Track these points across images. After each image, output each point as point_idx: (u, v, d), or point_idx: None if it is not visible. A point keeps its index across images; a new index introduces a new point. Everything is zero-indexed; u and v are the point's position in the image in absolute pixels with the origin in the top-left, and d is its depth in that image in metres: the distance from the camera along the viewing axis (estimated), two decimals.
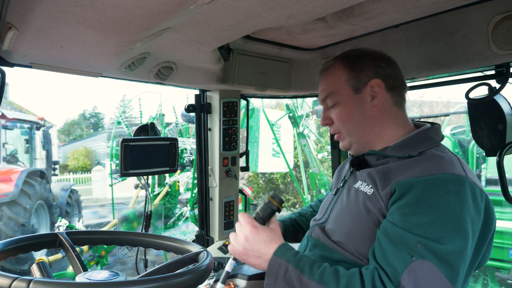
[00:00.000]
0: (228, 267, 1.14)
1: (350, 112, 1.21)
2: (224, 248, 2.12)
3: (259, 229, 1.11)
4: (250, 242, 1.10)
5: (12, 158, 8.25)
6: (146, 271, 1.02)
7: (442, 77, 1.67)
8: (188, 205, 7.44)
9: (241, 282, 1.36)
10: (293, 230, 1.56)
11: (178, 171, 7.56)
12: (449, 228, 0.95)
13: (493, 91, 1.41)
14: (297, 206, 12.36)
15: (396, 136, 1.18)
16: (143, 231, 1.77)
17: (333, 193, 1.31)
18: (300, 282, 1.00)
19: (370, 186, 1.11)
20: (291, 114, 8.73)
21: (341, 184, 1.29)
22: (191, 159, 7.63)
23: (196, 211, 7.06)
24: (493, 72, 1.46)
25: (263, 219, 1.14)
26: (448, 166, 1.03)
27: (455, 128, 6.63)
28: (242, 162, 2.33)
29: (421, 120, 1.38)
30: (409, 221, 0.97)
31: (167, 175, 7.42)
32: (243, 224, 1.14)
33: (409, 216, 0.98)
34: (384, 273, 0.96)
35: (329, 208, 1.27)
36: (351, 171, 1.26)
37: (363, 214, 1.09)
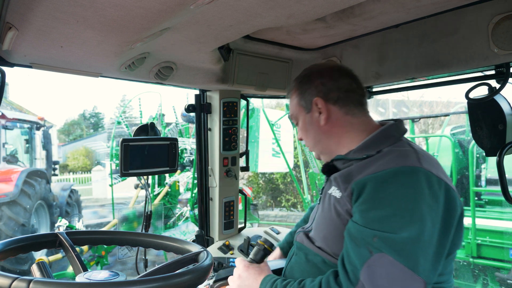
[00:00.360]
0: None
1: (306, 129, 1.34)
2: (224, 248, 2.12)
3: (249, 267, 1.25)
4: (242, 278, 1.24)
5: (12, 158, 8.24)
6: (146, 271, 1.02)
7: (442, 77, 1.67)
8: (188, 205, 7.44)
9: None
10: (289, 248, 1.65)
11: (178, 171, 7.56)
12: (403, 218, 0.97)
13: (493, 91, 1.41)
14: (297, 206, 12.36)
15: (357, 140, 1.24)
16: (143, 231, 1.77)
17: (318, 202, 1.38)
18: None
19: (338, 190, 1.16)
20: None
21: (321, 193, 1.35)
22: (191, 159, 7.63)
23: (196, 211, 7.06)
24: (493, 72, 1.46)
25: (256, 261, 1.28)
26: (400, 160, 1.07)
27: (455, 128, 6.63)
28: (242, 162, 2.33)
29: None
30: (367, 217, 1.02)
31: (167, 175, 7.41)
32: (238, 265, 1.28)
33: (366, 212, 1.03)
34: (344, 271, 1.01)
35: (313, 216, 1.35)
36: (327, 179, 1.32)
37: (334, 218, 1.15)
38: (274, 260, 1.64)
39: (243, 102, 2.25)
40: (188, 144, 7.83)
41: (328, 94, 1.27)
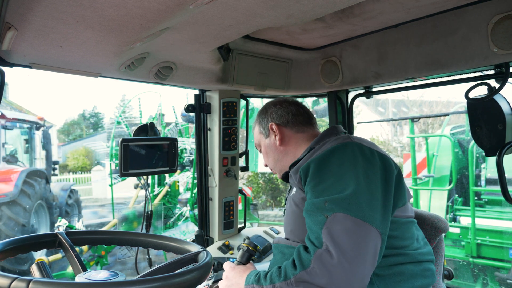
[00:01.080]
0: None
1: (267, 152, 1.58)
2: (224, 248, 2.12)
3: (235, 267, 1.34)
4: (230, 278, 1.32)
5: (12, 158, 8.24)
6: (151, 269, 1.02)
7: (441, 77, 1.67)
8: (188, 205, 7.44)
9: None
10: None
11: (178, 171, 7.56)
12: (344, 180, 1.13)
13: (492, 91, 1.41)
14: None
15: (304, 149, 1.47)
16: (144, 231, 1.77)
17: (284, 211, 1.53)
18: None
19: (293, 185, 1.36)
20: None
21: (285, 201, 1.51)
22: (191, 159, 7.63)
23: (196, 211, 7.06)
24: (492, 71, 1.47)
25: (243, 263, 1.35)
26: (336, 142, 1.29)
27: (454, 128, 6.63)
28: (241, 162, 2.33)
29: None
30: (316, 191, 1.17)
31: (167, 175, 7.42)
32: (225, 268, 1.37)
33: (315, 187, 1.18)
34: (309, 241, 1.11)
35: (284, 220, 1.48)
36: (290, 187, 1.46)
37: (294, 210, 1.32)
38: (262, 263, 1.69)
39: (242, 102, 2.25)
40: (188, 144, 7.83)
41: (279, 119, 1.54)
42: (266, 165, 1.66)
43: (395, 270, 1.17)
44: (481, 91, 1.45)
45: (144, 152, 1.62)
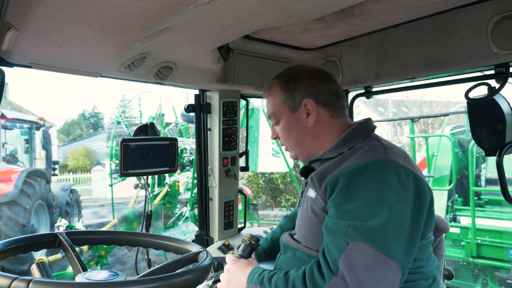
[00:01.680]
0: None
1: (289, 129, 1.35)
2: (224, 248, 2.12)
3: (236, 261, 1.30)
4: (230, 272, 1.28)
5: (12, 158, 8.24)
6: (151, 269, 1.02)
7: (441, 77, 1.67)
8: (188, 205, 7.44)
9: None
10: (266, 257, 1.69)
11: (178, 171, 7.56)
12: (373, 207, 1.03)
13: (492, 91, 1.41)
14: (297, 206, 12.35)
15: (333, 140, 1.30)
16: (144, 231, 1.77)
17: (298, 205, 1.42)
18: None
19: (314, 190, 1.22)
20: None
21: (301, 195, 1.40)
22: (191, 159, 7.63)
23: (196, 211, 7.06)
24: (492, 72, 1.46)
25: (244, 257, 1.32)
26: (369, 154, 1.13)
27: (454, 128, 6.63)
28: (242, 162, 2.33)
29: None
30: (340, 210, 1.07)
31: (167, 175, 7.42)
32: (227, 261, 1.33)
33: (339, 205, 1.08)
34: (325, 263, 1.05)
35: (297, 220, 1.39)
36: (306, 182, 1.34)
37: (311, 217, 1.21)
38: (264, 263, 1.64)
39: (242, 102, 2.25)
40: (188, 144, 7.83)
41: (318, 96, 1.31)
42: (276, 138, 1.42)
43: (406, 285, 1.12)
44: (481, 91, 1.45)
45: (144, 152, 1.62)
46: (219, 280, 1.52)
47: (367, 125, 1.31)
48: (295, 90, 1.32)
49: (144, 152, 1.61)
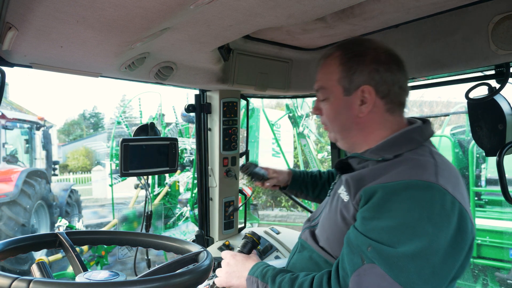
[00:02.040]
0: None
1: (337, 112, 1.18)
2: (224, 248, 2.12)
3: (236, 254, 1.28)
4: (231, 265, 1.25)
5: (12, 158, 8.25)
6: (151, 269, 1.02)
7: (442, 77, 1.67)
8: (188, 205, 7.44)
9: None
10: (298, 186, 1.76)
11: (178, 171, 7.56)
12: (403, 233, 0.91)
13: (493, 91, 1.41)
14: (297, 206, 12.34)
15: (380, 138, 1.13)
16: (144, 231, 1.77)
17: (328, 195, 1.31)
18: None
19: (347, 193, 1.09)
20: (291, 114, 8.74)
21: (331, 187, 1.29)
22: (191, 159, 7.63)
23: (196, 211, 7.06)
24: (493, 72, 1.46)
25: (244, 253, 1.32)
26: (417, 172, 0.98)
27: (455, 128, 6.63)
28: (242, 162, 2.33)
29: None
30: (367, 225, 0.97)
31: (167, 175, 7.42)
32: (225, 256, 1.30)
33: (368, 220, 0.98)
34: (336, 275, 0.99)
35: (320, 209, 1.30)
36: (339, 175, 1.24)
37: (339, 221, 1.10)
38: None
39: (243, 102, 2.25)
40: (188, 144, 7.84)
41: (380, 85, 1.11)
42: (317, 114, 1.25)
43: None
44: (481, 91, 1.45)
45: (145, 152, 1.62)
46: None
47: (423, 130, 1.12)
48: (356, 71, 1.12)
49: (145, 152, 1.61)
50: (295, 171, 1.84)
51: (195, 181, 6.74)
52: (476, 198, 5.43)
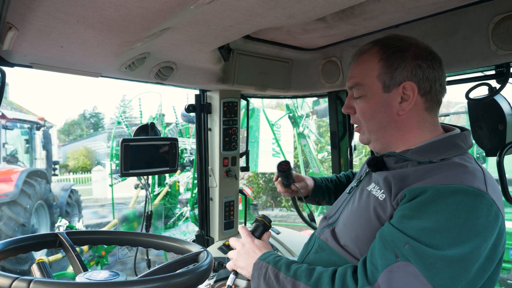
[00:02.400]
0: (230, 281, 1.24)
1: (375, 110, 1.12)
2: (224, 248, 2.12)
3: (254, 239, 1.24)
4: (246, 247, 1.22)
5: (12, 158, 8.25)
6: (151, 269, 1.02)
7: None
8: (188, 205, 7.45)
9: (241, 282, 1.36)
10: (321, 192, 1.67)
11: (178, 171, 7.57)
12: (444, 237, 0.89)
13: (493, 91, 1.41)
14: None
15: (420, 139, 1.10)
16: (144, 231, 1.77)
17: (347, 191, 1.26)
18: (277, 279, 1.06)
19: (383, 191, 1.05)
20: (291, 114, 8.75)
21: (355, 184, 1.24)
22: (191, 159, 7.64)
23: (196, 211, 7.06)
24: (493, 72, 1.46)
25: (256, 236, 1.30)
26: (468, 178, 0.95)
27: None
28: (242, 162, 2.33)
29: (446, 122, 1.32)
30: (406, 223, 0.94)
31: (167, 175, 7.43)
32: (243, 235, 1.26)
33: (408, 218, 0.94)
34: (363, 269, 0.94)
35: (340, 208, 1.23)
36: (367, 172, 1.20)
37: (372, 220, 1.05)
38: None
39: (243, 102, 2.25)
40: (188, 144, 7.84)
41: (422, 82, 1.07)
42: (348, 112, 1.20)
43: None
44: (481, 92, 1.45)
45: (144, 152, 1.62)
46: (220, 280, 1.52)
47: (466, 138, 1.09)
48: (399, 67, 1.07)
49: (145, 152, 1.61)
50: (316, 178, 1.71)
51: (195, 181, 6.75)
52: None
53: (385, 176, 1.06)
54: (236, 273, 1.24)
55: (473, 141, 1.17)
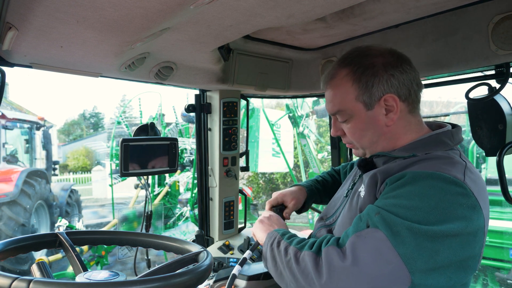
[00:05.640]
0: (235, 270, 1.25)
1: (363, 129, 1.15)
2: (224, 248, 2.12)
3: (280, 218, 1.37)
4: (272, 220, 1.33)
5: (12, 158, 8.25)
6: (151, 269, 1.02)
7: (442, 77, 1.67)
8: (188, 205, 7.45)
9: (241, 283, 1.36)
10: (316, 196, 1.68)
11: (178, 171, 7.57)
12: (414, 211, 0.91)
13: (493, 91, 1.41)
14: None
15: (407, 140, 1.13)
16: (144, 231, 1.77)
17: (344, 194, 1.29)
18: (278, 245, 1.14)
19: (369, 188, 1.09)
20: (291, 114, 8.75)
21: (350, 187, 1.27)
22: (191, 159, 7.64)
23: (196, 211, 7.06)
24: (493, 72, 1.46)
25: (276, 212, 1.46)
26: (446, 168, 0.98)
27: None
28: (242, 162, 2.33)
29: (432, 120, 1.33)
30: (383, 201, 0.98)
31: (167, 175, 7.43)
32: (272, 213, 1.39)
33: (385, 197, 0.99)
34: (337, 238, 1.00)
35: (338, 210, 1.27)
36: (360, 174, 1.23)
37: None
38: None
39: (243, 102, 2.25)
40: (188, 144, 7.84)
41: (400, 90, 1.09)
42: (338, 135, 1.23)
43: None
44: (481, 91, 1.45)
45: (144, 152, 1.62)
46: (220, 280, 1.52)
47: (453, 135, 1.12)
48: (374, 84, 1.09)
49: (145, 152, 1.61)
50: (303, 185, 1.65)
51: (195, 181, 6.75)
52: None
53: (373, 173, 1.11)
54: (253, 249, 1.32)
55: (463, 137, 1.18)
